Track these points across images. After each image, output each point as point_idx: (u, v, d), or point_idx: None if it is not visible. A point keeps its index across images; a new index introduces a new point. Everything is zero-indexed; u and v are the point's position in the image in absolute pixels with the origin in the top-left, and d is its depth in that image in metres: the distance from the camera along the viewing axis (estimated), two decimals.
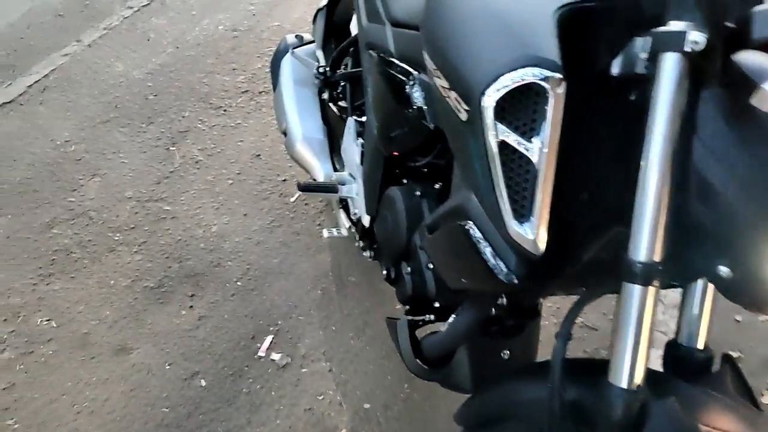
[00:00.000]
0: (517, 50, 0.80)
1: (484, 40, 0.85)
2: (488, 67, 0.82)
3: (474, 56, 0.85)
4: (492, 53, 0.83)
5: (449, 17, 0.93)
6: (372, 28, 1.47)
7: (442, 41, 0.92)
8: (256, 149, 2.54)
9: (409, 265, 1.33)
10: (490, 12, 0.86)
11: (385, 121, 1.40)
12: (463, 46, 0.88)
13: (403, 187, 1.39)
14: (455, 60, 0.88)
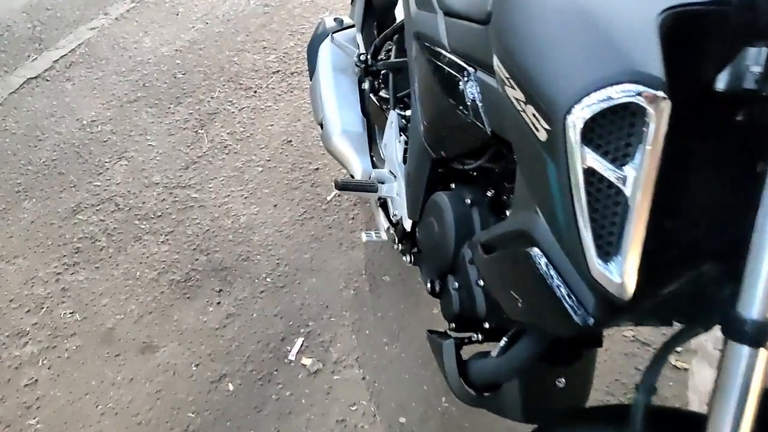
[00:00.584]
0: (612, 61, 0.69)
1: (572, 47, 0.73)
2: (576, 81, 0.70)
3: (559, 66, 0.73)
4: (581, 64, 0.71)
5: (527, 16, 0.80)
6: (422, 17, 1.34)
7: (518, 45, 0.80)
8: (287, 134, 2.44)
9: (457, 280, 1.22)
10: (579, 12, 0.74)
11: (433, 120, 1.28)
12: (544, 53, 0.75)
13: (451, 193, 1.28)
14: (534, 69, 0.76)
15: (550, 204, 0.77)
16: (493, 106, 1.05)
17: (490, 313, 1.17)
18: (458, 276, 1.23)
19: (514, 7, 0.83)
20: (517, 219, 0.93)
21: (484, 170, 1.28)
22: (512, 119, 0.83)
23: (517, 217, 0.93)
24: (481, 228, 1.21)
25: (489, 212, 1.22)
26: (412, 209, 1.44)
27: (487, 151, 1.20)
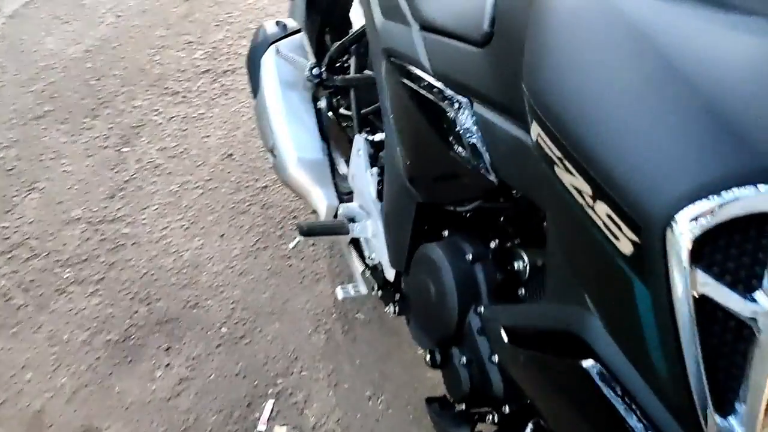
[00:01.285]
0: (736, 151, 0.48)
1: (671, 124, 0.51)
2: (683, 178, 0.49)
3: (651, 152, 0.51)
4: (688, 152, 0.50)
5: (588, 65, 0.57)
6: (391, 29, 1.09)
7: (575, 111, 0.57)
8: (226, 147, 2.14)
9: (464, 354, 1.01)
10: (679, 74, 0.51)
11: (418, 159, 1.05)
12: (626, 131, 0.53)
13: (445, 246, 1.05)
14: (609, 153, 0.54)
15: (633, 331, 0.56)
16: (502, 153, 0.83)
17: (509, 395, 0.96)
18: (465, 348, 1.01)
19: (567, 48, 0.60)
20: (555, 313, 0.72)
21: (482, 212, 1.07)
22: (558, 199, 0.61)
23: (556, 311, 0.71)
24: (487, 288, 1.00)
25: (495, 269, 1.00)
26: (396, 259, 1.21)
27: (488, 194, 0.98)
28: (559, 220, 0.66)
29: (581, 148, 0.55)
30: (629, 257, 0.52)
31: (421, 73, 0.99)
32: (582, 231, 0.58)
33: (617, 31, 0.55)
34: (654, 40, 0.53)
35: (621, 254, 0.53)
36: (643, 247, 0.51)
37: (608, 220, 0.54)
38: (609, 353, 0.63)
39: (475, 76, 0.88)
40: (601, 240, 0.55)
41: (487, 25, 0.84)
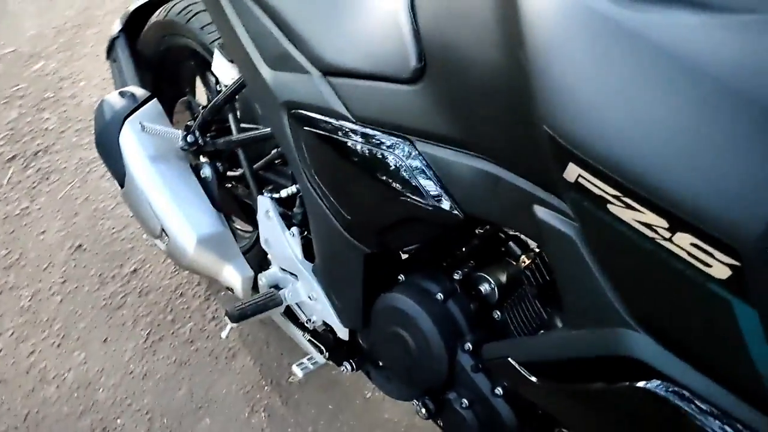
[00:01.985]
0: None
1: (741, 140, 0.51)
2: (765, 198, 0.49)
3: (734, 174, 0.51)
4: (751, 166, 0.50)
5: (639, 98, 0.55)
6: (286, 81, 1.00)
7: (638, 145, 0.55)
8: (71, 238, 1.86)
9: (463, 396, 0.97)
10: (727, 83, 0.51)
11: (360, 212, 0.98)
12: (701, 157, 0.52)
13: (409, 291, 1.00)
14: (688, 182, 0.52)
15: (730, 349, 0.56)
16: (465, 187, 0.80)
17: (523, 425, 0.94)
18: (462, 390, 0.97)
19: (587, 78, 0.57)
20: (587, 339, 0.70)
21: (431, 246, 1.03)
22: (610, 234, 0.59)
23: (590, 338, 0.70)
24: (466, 322, 0.97)
25: (467, 300, 0.97)
26: (350, 317, 1.13)
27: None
28: (609, 250, 0.63)
29: (648, 184, 0.53)
30: (726, 280, 0.51)
31: (339, 121, 0.92)
32: (651, 263, 0.56)
33: (648, 54, 0.54)
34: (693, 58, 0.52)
35: (715, 279, 0.52)
36: (744, 269, 0.50)
37: (694, 249, 0.52)
38: (676, 370, 0.62)
39: (412, 114, 0.83)
40: (682, 269, 0.54)
41: (416, 60, 0.80)
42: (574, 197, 0.60)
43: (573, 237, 0.67)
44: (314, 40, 0.95)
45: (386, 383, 1.20)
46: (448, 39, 0.76)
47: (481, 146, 0.77)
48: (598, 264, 0.66)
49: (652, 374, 0.64)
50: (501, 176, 0.76)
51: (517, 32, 0.62)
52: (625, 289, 0.64)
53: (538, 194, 0.71)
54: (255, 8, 1.02)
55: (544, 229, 0.71)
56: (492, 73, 0.69)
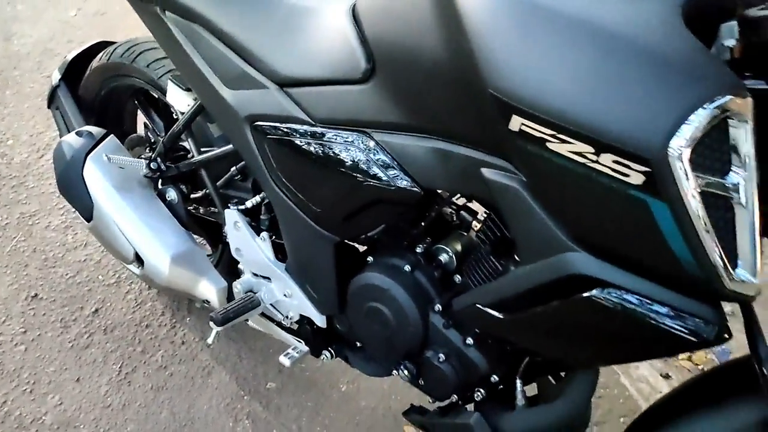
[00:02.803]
0: (691, 82, 0.67)
1: (637, 81, 0.68)
2: (665, 113, 0.66)
3: (634, 104, 0.68)
4: (660, 94, 0.67)
5: (563, 58, 0.71)
6: (246, 97, 1.13)
7: (564, 96, 0.71)
8: (24, 289, 1.87)
9: (439, 352, 1.10)
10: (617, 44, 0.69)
11: (329, 204, 1.10)
12: (611, 96, 0.69)
13: (381, 269, 1.13)
14: (603, 116, 0.69)
15: (652, 243, 0.72)
16: (421, 165, 0.95)
17: (494, 365, 1.09)
18: (437, 347, 1.11)
19: (521, 47, 0.73)
20: (541, 270, 0.85)
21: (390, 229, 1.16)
22: (549, 168, 0.74)
23: (541, 268, 0.85)
24: (433, 288, 1.11)
25: (431, 269, 1.11)
26: (326, 303, 1.25)
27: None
28: (549, 185, 0.78)
29: (575, 120, 0.69)
30: (642, 185, 0.68)
31: (301, 126, 1.05)
32: (584, 184, 0.72)
33: (557, 21, 0.71)
34: (590, 20, 0.69)
35: (633, 185, 0.69)
36: (652, 173, 0.67)
37: (615, 164, 0.69)
38: (614, 276, 0.78)
39: (367, 109, 0.97)
40: (608, 183, 0.70)
41: (365, 62, 0.95)
42: (519, 144, 0.76)
43: (517, 187, 0.83)
44: (268, 58, 1.08)
45: (366, 364, 1.32)
46: (391, 39, 0.91)
47: (431, 127, 0.92)
48: (540, 204, 0.82)
49: (595, 284, 0.80)
50: (450, 150, 0.91)
51: (456, 22, 0.77)
52: (564, 216, 0.80)
53: (484, 158, 0.87)
54: (210, 37, 1.14)
55: (493, 187, 0.86)
56: (435, 61, 0.85)
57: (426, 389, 1.18)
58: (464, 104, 0.84)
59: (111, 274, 1.93)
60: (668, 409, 1.00)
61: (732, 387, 0.93)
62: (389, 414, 1.59)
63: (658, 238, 0.71)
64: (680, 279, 0.74)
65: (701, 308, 0.76)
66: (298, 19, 1.08)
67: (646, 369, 1.70)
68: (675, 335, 0.77)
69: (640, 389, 1.64)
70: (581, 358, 0.95)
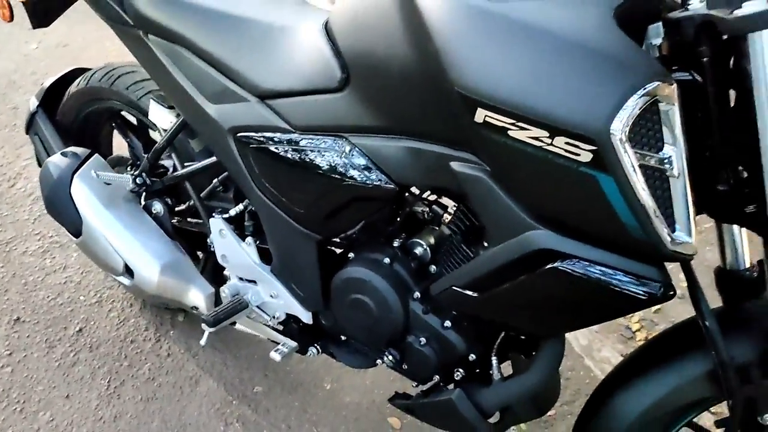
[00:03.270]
0: (624, 72, 0.79)
1: (577, 73, 0.80)
2: (604, 99, 0.78)
3: (577, 93, 0.79)
4: (598, 83, 0.79)
5: (516, 56, 0.83)
6: (229, 111, 1.22)
7: (518, 90, 0.82)
8: (7, 313, 1.90)
9: (420, 336, 1.19)
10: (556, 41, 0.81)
11: (311, 204, 1.19)
12: (557, 87, 0.80)
13: (362, 263, 1.22)
14: (553, 105, 0.80)
15: (601, 213, 0.83)
16: (395, 163, 1.05)
17: (471, 345, 1.18)
18: (418, 332, 1.20)
19: (481, 48, 0.84)
20: (508, 249, 0.95)
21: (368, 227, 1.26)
22: (510, 154, 0.85)
23: (508, 247, 0.95)
24: (411, 278, 1.20)
25: (408, 261, 1.21)
26: (311, 300, 1.33)
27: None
28: (511, 171, 0.89)
29: (531, 108, 0.81)
30: (590, 162, 0.80)
31: (283, 135, 1.15)
32: (542, 165, 0.84)
33: (510, 27, 0.82)
34: (542, 24, 0.81)
35: (583, 163, 0.80)
36: (598, 151, 0.78)
37: (567, 146, 0.80)
38: (573, 248, 0.90)
39: (344, 116, 1.07)
40: (562, 162, 0.81)
41: (340, 72, 1.05)
42: (484, 134, 0.87)
43: (483, 176, 0.94)
44: (249, 74, 1.18)
45: (351, 356, 1.40)
46: (363, 50, 1.01)
47: (403, 128, 1.03)
48: (503, 190, 0.93)
49: (557, 257, 0.91)
50: (421, 147, 1.01)
51: (423, 30, 0.88)
52: (526, 198, 0.91)
53: (452, 153, 0.97)
54: (192, 57, 1.23)
55: (461, 178, 0.97)
56: (404, 67, 0.95)
57: (409, 373, 1.27)
58: (432, 104, 0.94)
59: (92, 294, 1.97)
60: (624, 374, 1.11)
61: (680, 346, 1.06)
62: (373, 407, 1.67)
63: (607, 208, 0.82)
64: (628, 245, 0.86)
65: (648, 270, 0.88)
66: (274, 36, 1.18)
67: (608, 351, 1.82)
68: (628, 295, 0.89)
69: (603, 369, 1.76)
70: (549, 327, 1.06)
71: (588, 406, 1.16)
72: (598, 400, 1.13)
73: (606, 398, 1.11)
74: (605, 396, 1.12)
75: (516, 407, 1.20)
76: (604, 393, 1.13)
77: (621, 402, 1.09)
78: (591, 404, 1.15)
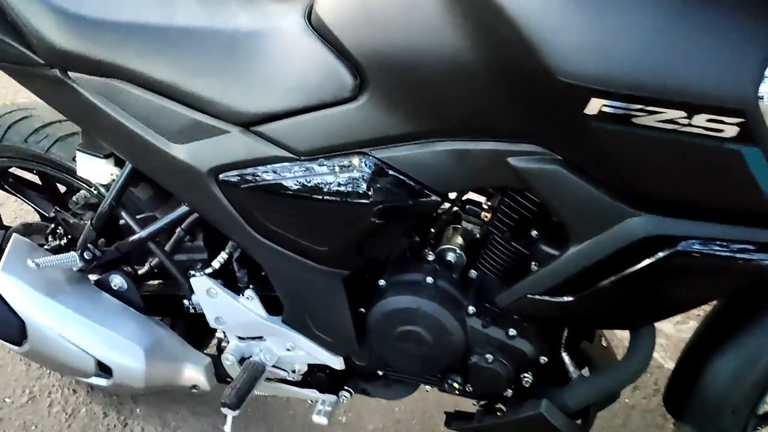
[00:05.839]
0: (764, 23, 0.66)
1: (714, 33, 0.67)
2: (746, 64, 0.66)
3: (717, 55, 0.67)
4: (738, 42, 0.66)
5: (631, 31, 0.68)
6: (204, 148, 0.99)
7: (653, 67, 0.68)
8: None
9: (486, 352, 1.05)
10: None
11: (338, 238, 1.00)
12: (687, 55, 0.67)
13: (402, 289, 1.05)
14: (692, 74, 0.67)
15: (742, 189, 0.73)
16: (436, 170, 0.88)
17: (541, 347, 1.06)
18: (482, 349, 1.07)
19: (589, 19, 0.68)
20: (602, 241, 0.84)
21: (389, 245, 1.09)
22: (636, 142, 0.72)
23: (601, 240, 0.84)
24: (458, 291, 1.05)
25: (447, 273, 1.06)
26: (341, 343, 1.15)
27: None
28: (605, 161, 0.76)
29: (664, 88, 0.67)
30: (736, 136, 0.68)
31: (283, 164, 0.94)
32: (672, 149, 0.71)
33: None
34: None
35: (728, 139, 0.69)
36: (746, 123, 0.67)
37: (709, 123, 0.68)
38: (687, 229, 0.79)
39: (362, 128, 0.89)
40: (700, 142, 0.69)
41: (351, 77, 0.86)
42: (595, 126, 0.72)
43: (558, 168, 0.80)
44: (223, 99, 0.94)
45: (388, 390, 1.24)
46: (385, 45, 0.82)
47: (443, 128, 0.86)
48: (586, 179, 0.79)
49: (668, 241, 0.80)
50: (468, 148, 0.86)
51: (494, 11, 0.70)
52: (629, 184, 0.78)
53: (509, 148, 0.83)
54: (139, 92, 0.97)
55: (525, 174, 0.83)
56: (455, 58, 0.78)
57: (477, 394, 1.13)
58: (499, 98, 0.78)
59: (19, 392, 1.61)
60: (709, 336, 1.05)
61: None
62: (401, 428, 1.52)
63: (749, 180, 0.72)
64: (758, 213, 0.76)
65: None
66: (245, 46, 0.94)
67: None
68: (757, 266, 0.80)
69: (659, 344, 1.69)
70: (650, 316, 0.96)
71: (676, 373, 1.09)
72: (686, 366, 1.07)
73: (695, 363, 1.04)
74: (693, 361, 1.05)
75: (600, 401, 1.10)
76: (691, 358, 1.06)
77: (712, 365, 1.03)
78: (679, 372, 1.08)
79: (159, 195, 1.19)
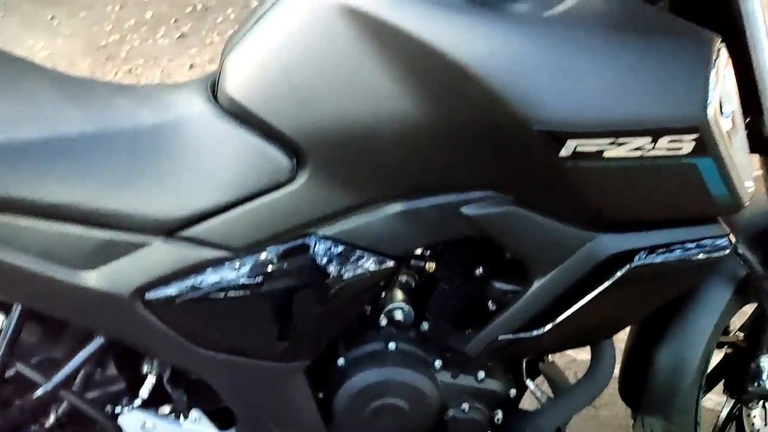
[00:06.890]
0: (693, 50, 0.76)
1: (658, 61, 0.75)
2: (692, 91, 0.74)
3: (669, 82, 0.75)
4: (677, 66, 0.75)
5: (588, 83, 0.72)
6: (120, 270, 0.86)
7: (618, 105, 0.74)
8: None
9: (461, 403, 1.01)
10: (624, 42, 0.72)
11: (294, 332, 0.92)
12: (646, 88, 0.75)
13: (363, 366, 0.97)
14: (653, 104, 0.75)
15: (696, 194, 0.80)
16: (388, 235, 0.87)
17: (509, 381, 1.06)
18: (457, 401, 1.02)
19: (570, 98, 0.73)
20: (566, 270, 0.87)
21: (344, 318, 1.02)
22: (604, 173, 0.76)
23: (565, 268, 0.86)
24: (420, 348, 1.01)
25: (405, 331, 1.02)
26: None
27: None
28: (564, 193, 0.79)
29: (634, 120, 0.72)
30: (692, 151, 0.74)
31: (219, 266, 0.85)
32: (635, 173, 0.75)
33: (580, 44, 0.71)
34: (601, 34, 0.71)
35: (685, 155, 0.74)
36: (700, 138, 0.73)
37: (670, 143, 0.73)
38: (641, 240, 0.84)
39: (303, 209, 0.84)
40: (662, 162, 0.74)
41: (287, 158, 0.81)
42: (568, 166, 0.74)
43: (513, 208, 0.82)
44: (140, 209, 0.83)
45: None
46: (325, 120, 0.78)
47: (391, 193, 0.83)
48: (539, 212, 0.82)
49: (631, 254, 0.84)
50: (418, 206, 0.84)
51: (468, 78, 0.70)
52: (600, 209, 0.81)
53: (460, 198, 0.83)
54: (31, 223, 0.81)
55: (482, 220, 0.83)
56: (403, 123, 0.76)
57: None
58: (458, 155, 0.79)
59: None
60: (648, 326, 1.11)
61: None
62: None
63: (701, 188, 0.78)
64: (706, 214, 0.83)
65: (712, 228, 0.87)
66: (149, 146, 0.84)
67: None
68: (705, 261, 0.87)
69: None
70: (611, 329, 1.00)
71: (625, 367, 1.13)
72: (633, 358, 1.12)
73: (640, 354, 1.10)
74: (639, 352, 1.10)
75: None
76: (636, 349, 1.11)
77: (657, 351, 1.09)
78: (628, 365, 1.13)
79: (49, 330, 1.00)
